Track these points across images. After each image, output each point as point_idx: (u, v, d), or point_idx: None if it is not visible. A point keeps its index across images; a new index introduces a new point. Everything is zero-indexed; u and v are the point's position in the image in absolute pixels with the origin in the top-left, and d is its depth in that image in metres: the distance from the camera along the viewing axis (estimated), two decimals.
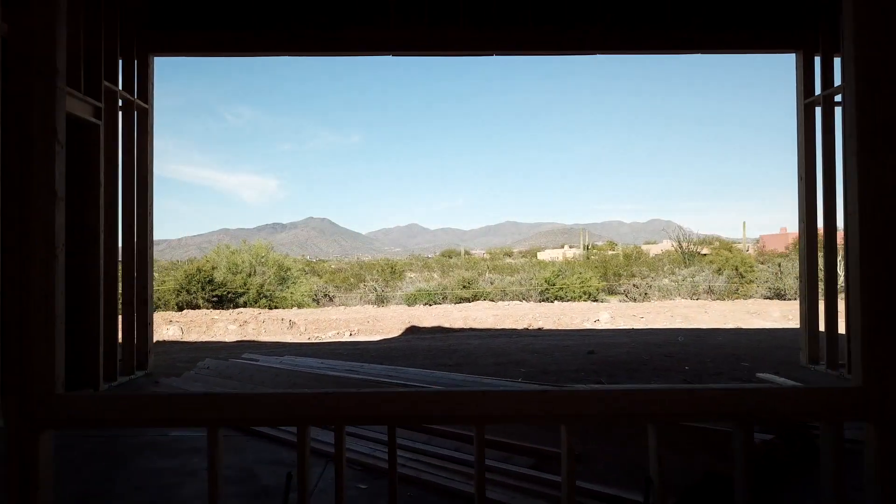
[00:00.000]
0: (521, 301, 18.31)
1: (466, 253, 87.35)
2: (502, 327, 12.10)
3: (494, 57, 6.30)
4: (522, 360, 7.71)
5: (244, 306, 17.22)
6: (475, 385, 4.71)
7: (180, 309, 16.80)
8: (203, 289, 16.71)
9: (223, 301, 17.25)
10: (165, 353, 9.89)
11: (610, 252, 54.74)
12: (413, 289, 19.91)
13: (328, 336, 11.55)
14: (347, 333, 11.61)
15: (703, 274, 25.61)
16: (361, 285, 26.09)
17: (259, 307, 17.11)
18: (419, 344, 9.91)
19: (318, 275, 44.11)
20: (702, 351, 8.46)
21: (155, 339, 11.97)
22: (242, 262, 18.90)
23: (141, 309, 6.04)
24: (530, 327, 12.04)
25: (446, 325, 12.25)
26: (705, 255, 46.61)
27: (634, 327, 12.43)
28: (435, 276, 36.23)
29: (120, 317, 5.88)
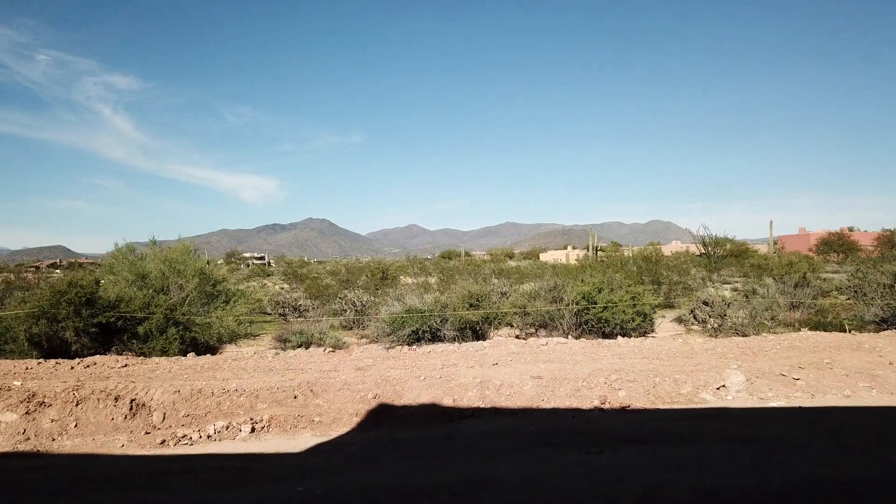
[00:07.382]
0: (561, 337, 12.50)
1: (467, 254, 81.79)
2: (553, 406, 6.30)
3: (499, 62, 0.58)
4: None
5: (145, 339, 11.47)
6: None
7: (36, 346, 10.96)
8: (78, 314, 10.95)
9: (113, 332, 11.51)
10: None
11: (619, 253, 48.54)
12: (400, 307, 14.08)
13: (209, 432, 5.71)
14: (248, 427, 5.76)
15: (768, 283, 20.02)
16: (342, 295, 20.40)
17: (164, 340, 11.32)
18: (386, 480, 4.08)
19: (301, 279, 38.37)
20: None
21: None
22: (156, 270, 13.17)
23: None
24: (607, 405, 6.27)
25: (447, 401, 6.41)
26: (730, 257, 40.99)
27: (795, 402, 6.61)
28: (431, 281, 30.32)
29: None
